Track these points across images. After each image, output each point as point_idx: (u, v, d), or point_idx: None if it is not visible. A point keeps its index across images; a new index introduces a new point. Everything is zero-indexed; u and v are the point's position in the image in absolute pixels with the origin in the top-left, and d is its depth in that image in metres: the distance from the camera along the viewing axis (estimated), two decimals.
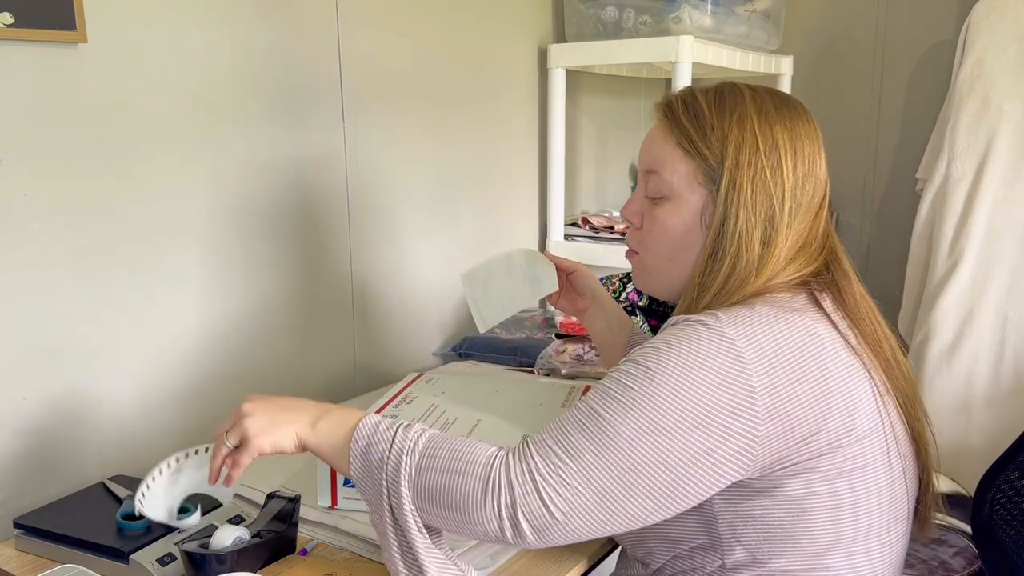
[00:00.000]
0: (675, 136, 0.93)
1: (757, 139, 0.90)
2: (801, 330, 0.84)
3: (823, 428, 0.82)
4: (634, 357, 0.84)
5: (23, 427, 1.14)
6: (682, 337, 0.83)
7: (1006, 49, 1.79)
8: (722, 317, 0.83)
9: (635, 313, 1.68)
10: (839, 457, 0.83)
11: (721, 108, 0.92)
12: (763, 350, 0.81)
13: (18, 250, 1.11)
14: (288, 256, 1.47)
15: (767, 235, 0.89)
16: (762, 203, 0.89)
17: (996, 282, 1.76)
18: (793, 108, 0.93)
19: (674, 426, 0.79)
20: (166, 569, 0.95)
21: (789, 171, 0.90)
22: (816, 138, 0.93)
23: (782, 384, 0.81)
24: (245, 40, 1.35)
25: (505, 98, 1.94)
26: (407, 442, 0.85)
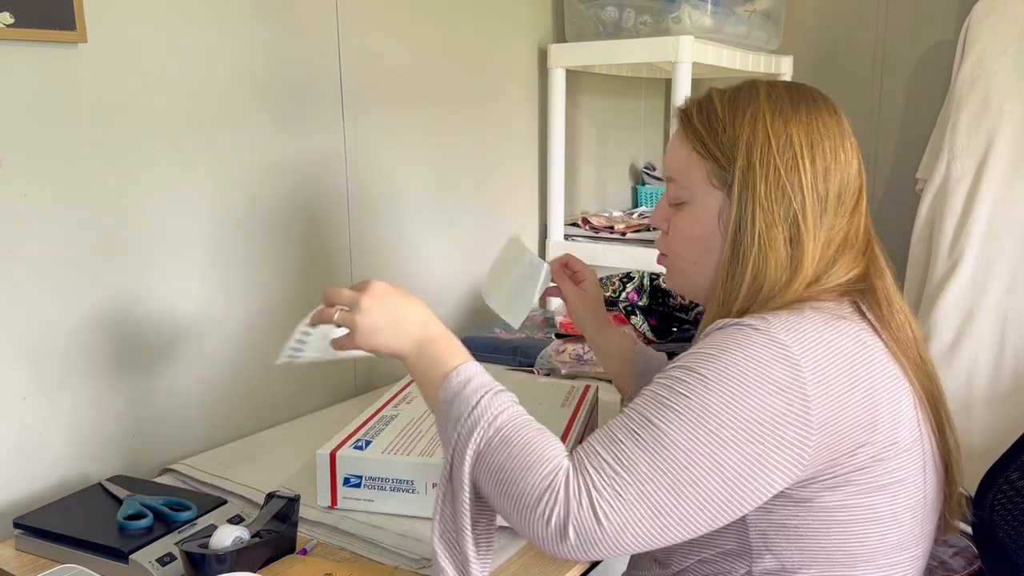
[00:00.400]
0: (690, 140, 0.93)
1: (769, 137, 0.87)
2: (851, 339, 0.83)
3: (869, 441, 0.81)
4: (687, 363, 0.82)
5: (23, 427, 1.14)
6: (735, 343, 0.80)
7: (1006, 49, 1.79)
8: (773, 321, 0.81)
9: (635, 313, 1.68)
10: (880, 470, 0.82)
11: (734, 108, 0.90)
12: (817, 358, 0.79)
13: (18, 250, 1.11)
14: (288, 255, 1.47)
15: (792, 235, 0.87)
16: (779, 202, 0.87)
17: (996, 282, 1.76)
18: (813, 102, 0.90)
19: (730, 437, 0.77)
20: (166, 569, 0.95)
21: (806, 167, 0.87)
22: (841, 132, 0.90)
23: (835, 394, 0.79)
24: (245, 40, 1.35)
25: (505, 98, 1.94)
26: (487, 413, 0.84)
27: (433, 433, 1.12)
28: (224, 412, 1.39)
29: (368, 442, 1.09)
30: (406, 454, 1.05)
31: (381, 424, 1.15)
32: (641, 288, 1.70)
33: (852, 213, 0.89)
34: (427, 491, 1.04)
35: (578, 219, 2.13)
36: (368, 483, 1.06)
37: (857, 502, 0.82)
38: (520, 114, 2.00)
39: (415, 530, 1.03)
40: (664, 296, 1.68)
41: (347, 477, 1.06)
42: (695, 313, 1.65)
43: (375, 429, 1.13)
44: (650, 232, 2.03)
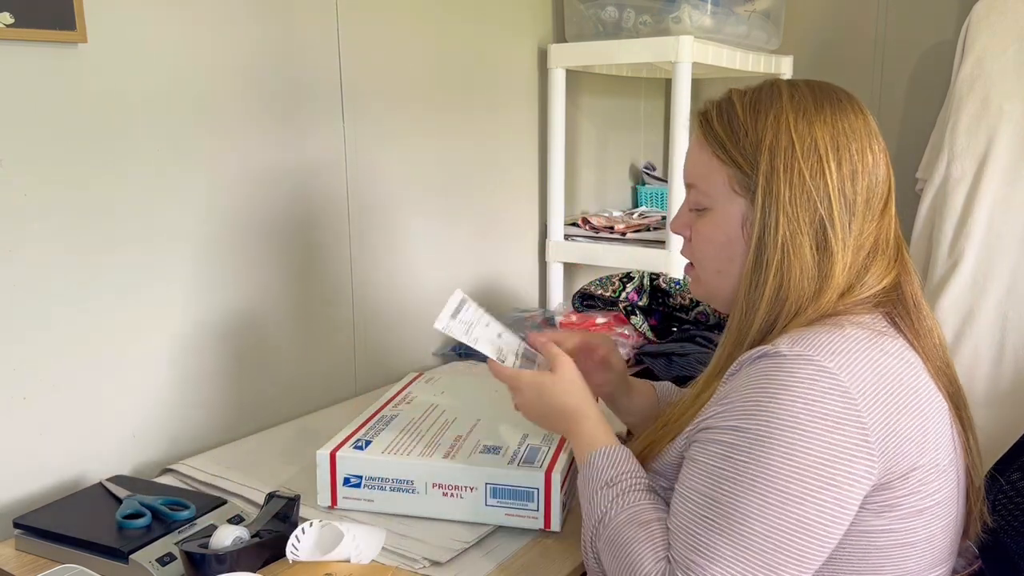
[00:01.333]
0: (710, 145, 0.90)
1: (793, 140, 0.84)
2: (895, 357, 0.80)
3: (919, 464, 0.79)
4: (733, 422, 0.78)
5: (23, 427, 1.14)
6: (779, 383, 0.76)
7: (1006, 49, 1.79)
8: (814, 343, 0.78)
9: (635, 313, 1.68)
10: (924, 493, 0.80)
11: (756, 111, 0.87)
12: (866, 381, 0.76)
13: (18, 250, 1.11)
14: (288, 256, 1.47)
15: (819, 242, 0.84)
16: (805, 207, 0.83)
17: (996, 282, 1.76)
18: (838, 102, 0.87)
19: (803, 491, 0.74)
20: (166, 569, 0.95)
21: (832, 171, 0.84)
22: (868, 132, 0.86)
23: (890, 417, 0.77)
24: (245, 40, 1.35)
25: (505, 98, 1.94)
26: (598, 510, 0.87)
27: (433, 433, 1.12)
28: (224, 412, 1.39)
29: (368, 442, 1.09)
30: (406, 454, 1.05)
31: (381, 424, 1.15)
32: (641, 288, 1.70)
33: (881, 217, 0.87)
34: (427, 491, 1.04)
35: (578, 219, 2.13)
36: (368, 483, 1.06)
37: (897, 527, 0.79)
38: (520, 114, 2.00)
39: (415, 530, 1.03)
40: (664, 296, 1.68)
41: (347, 477, 1.06)
42: (695, 313, 1.65)
43: (375, 429, 1.13)
44: (650, 232, 2.03)
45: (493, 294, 1.98)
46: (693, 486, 0.80)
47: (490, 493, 1.03)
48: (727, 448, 0.78)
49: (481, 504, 1.03)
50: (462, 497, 1.03)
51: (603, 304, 1.72)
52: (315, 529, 0.96)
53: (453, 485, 1.03)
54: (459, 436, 1.11)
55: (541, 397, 0.98)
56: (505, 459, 1.04)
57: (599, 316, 1.68)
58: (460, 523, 1.04)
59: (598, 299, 1.73)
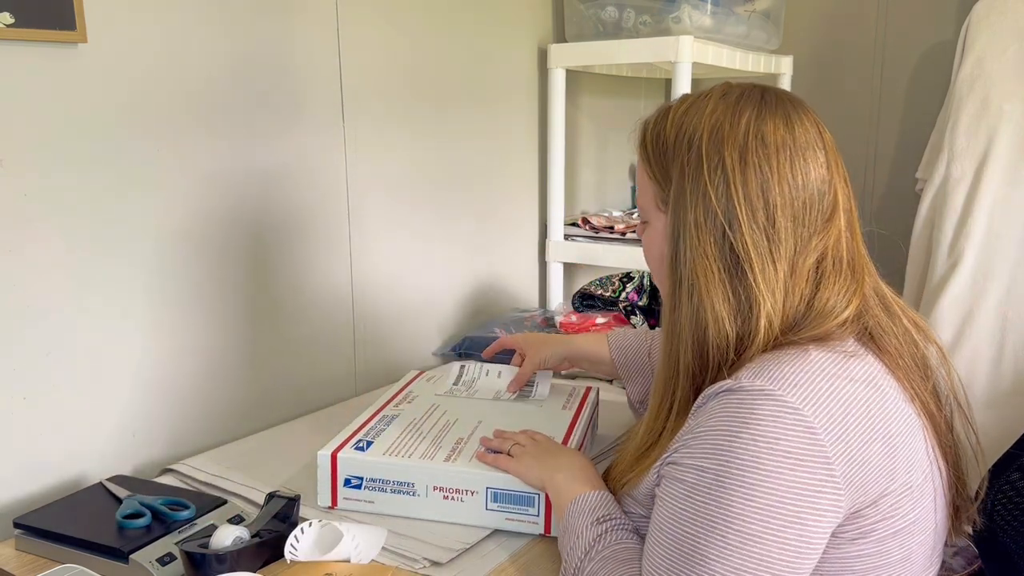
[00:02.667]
0: (642, 158, 0.89)
1: (702, 157, 0.81)
2: (864, 383, 0.77)
3: (889, 490, 0.77)
4: (695, 462, 0.77)
5: (23, 427, 1.14)
6: (740, 420, 0.74)
7: (1006, 49, 1.79)
8: (776, 377, 0.75)
9: (635, 313, 1.68)
10: (897, 516, 0.78)
11: (679, 125, 0.85)
12: (832, 414, 0.74)
13: (18, 250, 1.11)
14: (288, 255, 1.47)
15: (730, 266, 0.80)
16: (710, 229, 0.80)
17: (996, 282, 1.76)
18: (763, 112, 0.82)
19: (763, 530, 0.72)
20: (166, 569, 0.95)
21: (738, 189, 0.79)
22: (799, 144, 0.81)
23: (855, 448, 0.75)
24: (245, 40, 1.35)
25: (505, 98, 1.94)
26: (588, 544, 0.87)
27: (435, 435, 1.12)
28: (224, 412, 1.39)
29: (369, 443, 1.09)
30: (407, 456, 1.05)
31: (382, 424, 1.15)
32: (641, 288, 1.70)
33: (824, 233, 0.81)
34: (427, 493, 1.04)
35: (578, 219, 2.13)
36: (369, 484, 1.06)
37: (873, 550, 0.78)
38: (520, 114, 2.00)
39: (415, 531, 1.03)
40: None
41: (348, 478, 1.06)
42: None
43: (376, 429, 1.13)
44: None
45: (493, 294, 1.98)
46: (660, 526, 0.79)
47: (491, 497, 1.03)
48: (689, 489, 0.77)
49: (482, 508, 1.03)
50: (463, 501, 1.03)
51: (603, 304, 1.72)
52: (314, 529, 0.96)
53: (454, 488, 1.03)
54: (460, 439, 1.11)
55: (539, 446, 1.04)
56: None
57: (599, 316, 1.68)
58: (461, 525, 1.04)
59: (598, 299, 1.73)
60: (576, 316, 1.70)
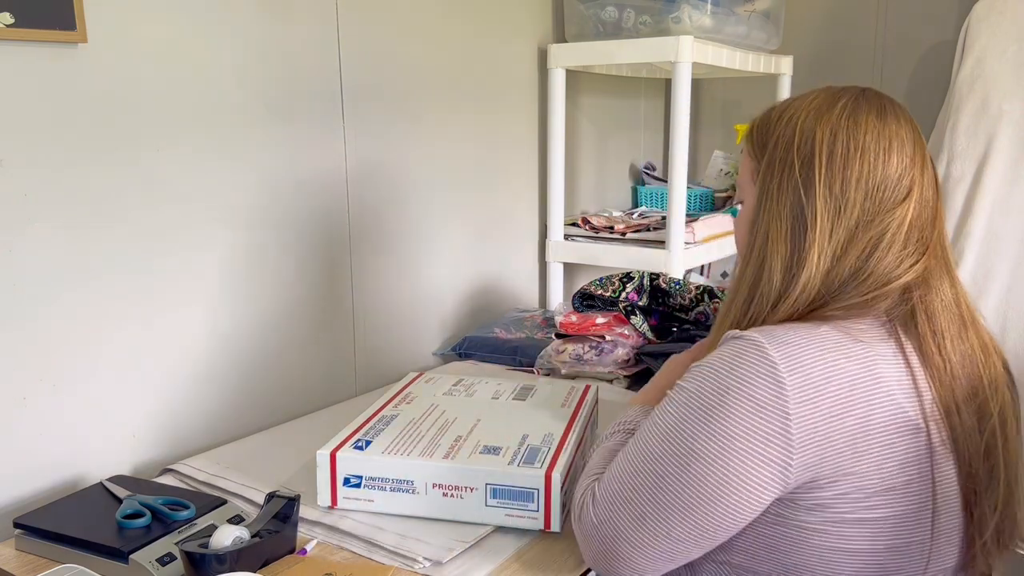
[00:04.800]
0: (747, 144, 0.96)
1: (794, 134, 0.88)
2: (860, 364, 0.80)
3: (852, 471, 0.79)
4: (682, 378, 0.86)
5: (23, 427, 1.14)
6: (727, 359, 0.82)
7: (1006, 49, 1.79)
8: (776, 335, 0.81)
9: (635, 313, 1.68)
10: (856, 504, 0.80)
11: (784, 109, 0.92)
12: (809, 377, 0.78)
13: (18, 250, 1.11)
14: (287, 256, 1.47)
15: (796, 232, 0.86)
16: (787, 198, 0.87)
17: (996, 282, 1.76)
18: (858, 105, 0.88)
19: (704, 450, 0.80)
20: (166, 569, 0.95)
21: (823, 165, 0.86)
22: (891, 132, 0.87)
23: (823, 416, 0.78)
24: (245, 40, 1.35)
25: (505, 98, 1.94)
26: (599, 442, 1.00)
27: (433, 434, 1.12)
28: (224, 412, 1.39)
29: (368, 442, 1.09)
30: (406, 455, 1.05)
31: (381, 424, 1.15)
32: (641, 288, 1.70)
33: (890, 212, 0.85)
34: (427, 491, 1.04)
35: (578, 219, 2.13)
36: (368, 483, 1.06)
37: (832, 530, 0.81)
38: (520, 114, 2.00)
39: (415, 530, 1.03)
40: (664, 296, 1.68)
41: (347, 477, 1.06)
42: (695, 313, 1.65)
43: (375, 429, 1.13)
44: (650, 232, 2.03)
45: (493, 294, 1.99)
46: (639, 430, 0.89)
47: (490, 493, 1.03)
48: (667, 399, 0.87)
49: (481, 505, 1.03)
50: (462, 498, 1.03)
51: (603, 304, 1.72)
52: None
53: (453, 485, 1.03)
54: (459, 436, 1.11)
55: None
56: (505, 459, 1.04)
57: (599, 316, 1.68)
58: (460, 523, 1.04)
59: (598, 299, 1.73)
60: (576, 316, 1.70)
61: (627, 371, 1.60)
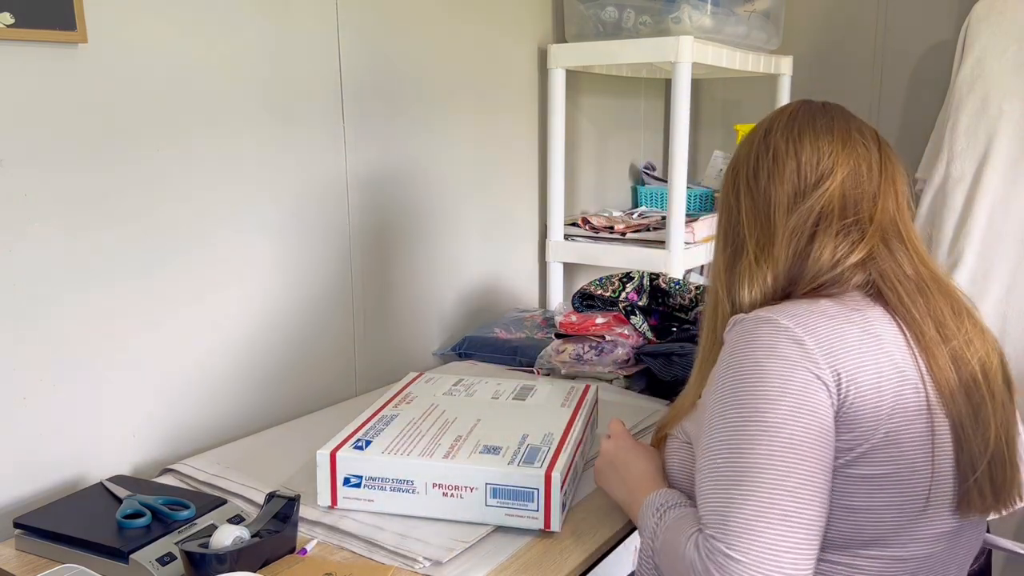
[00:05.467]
0: None
1: (732, 161, 1.01)
2: (861, 328, 0.86)
3: (876, 427, 0.83)
4: (716, 384, 0.88)
5: (23, 427, 1.14)
6: (743, 340, 0.87)
7: (1006, 49, 1.79)
8: (781, 310, 0.87)
9: (635, 313, 1.68)
10: (869, 460, 0.83)
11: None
12: (822, 337, 0.84)
13: (18, 250, 1.11)
14: (287, 256, 1.47)
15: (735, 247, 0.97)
16: (725, 217, 1.00)
17: (996, 282, 1.76)
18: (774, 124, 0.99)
19: (777, 418, 0.81)
20: (166, 569, 0.95)
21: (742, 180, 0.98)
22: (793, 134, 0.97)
23: (844, 369, 0.83)
24: (245, 40, 1.35)
25: (505, 98, 1.94)
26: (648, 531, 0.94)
27: (433, 433, 1.12)
28: (224, 412, 1.40)
29: (368, 442, 1.09)
30: (406, 454, 1.05)
31: (381, 424, 1.15)
32: (641, 288, 1.70)
33: (813, 192, 0.93)
34: (427, 491, 1.04)
35: (578, 219, 2.13)
36: (368, 483, 1.06)
37: (835, 487, 0.83)
38: (520, 114, 2.00)
39: (415, 530, 1.03)
40: (664, 296, 1.68)
41: (347, 477, 1.06)
42: (695, 313, 1.65)
43: (375, 429, 1.13)
44: (650, 232, 2.03)
45: (493, 294, 1.99)
46: (703, 458, 0.86)
47: (490, 493, 1.03)
48: (714, 414, 0.86)
49: (481, 504, 1.03)
50: (462, 497, 1.03)
51: (603, 304, 1.72)
52: None
53: (453, 485, 1.03)
54: (459, 436, 1.11)
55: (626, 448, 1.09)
56: (505, 459, 1.04)
57: (599, 316, 1.68)
58: (460, 523, 1.04)
59: (598, 299, 1.73)
60: (576, 316, 1.70)
61: (627, 371, 1.60)
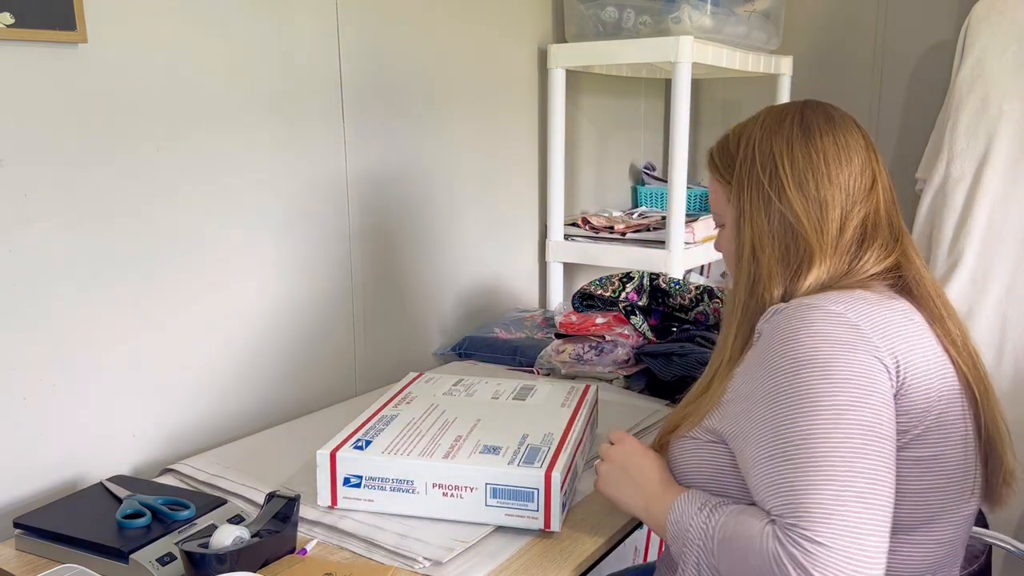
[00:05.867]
0: (713, 172, 1.04)
1: (755, 154, 0.97)
2: (901, 315, 0.88)
3: (926, 409, 0.85)
4: (763, 372, 0.86)
5: (23, 427, 1.14)
6: (792, 328, 0.86)
7: (1006, 49, 1.79)
8: (822, 298, 0.87)
9: (635, 313, 1.68)
10: (925, 441, 0.86)
11: (737, 136, 1.01)
12: (873, 320, 0.85)
13: (18, 250, 1.11)
14: (287, 256, 1.47)
15: (787, 237, 0.94)
16: (765, 210, 0.95)
17: (996, 282, 1.76)
18: (803, 116, 0.98)
19: (843, 401, 0.81)
20: (166, 569, 0.95)
21: (787, 174, 0.95)
22: (842, 131, 0.96)
23: (900, 352, 0.85)
24: (245, 40, 1.35)
25: (505, 98, 1.94)
26: (696, 536, 0.89)
27: (434, 433, 1.12)
28: (224, 412, 1.39)
29: (368, 442, 1.09)
30: (406, 454, 1.05)
31: (381, 424, 1.15)
32: (641, 288, 1.70)
33: (866, 201, 0.95)
34: (427, 491, 1.04)
35: (578, 219, 2.13)
36: (368, 483, 1.06)
37: (902, 472, 0.84)
38: (520, 114, 2.00)
39: (415, 530, 1.03)
40: (664, 296, 1.68)
41: (347, 477, 1.06)
42: (695, 313, 1.65)
43: (375, 429, 1.13)
44: (650, 232, 2.03)
45: (493, 294, 1.99)
46: (760, 448, 0.84)
47: (490, 493, 1.03)
48: (771, 402, 0.84)
49: (481, 504, 1.03)
50: (462, 497, 1.03)
51: (603, 304, 1.72)
52: None
53: (453, 485, 1.03)
54: (459, 436, 1.11)
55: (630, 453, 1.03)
56: (505, 459, 1.04)
57: (599, 316, 1.68)
58: (460, 523, 1.04)
59: (598, 299, 1.73)
60: (576, 316, 1.70)
61: (627, 371, 1.60)
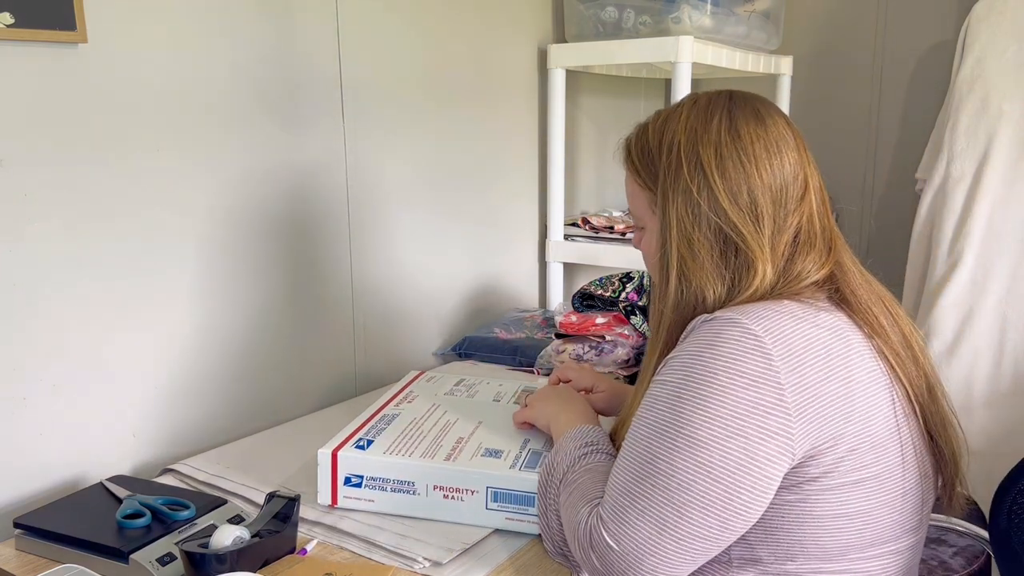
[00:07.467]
0: (631, 172, 0.98)
1: (681, 161, 0.91)
2: (828, 330, 0.84)
3: (844, 432, 0.82)
4: (661, 375, 0.85)
5: (23, 427, 1.14)
6: (706, 342, 0.83)
7: (1006, 49, 1.79)
8: (748, 311, 0.83)
9: (635, 313, 1.68)
10: (854, 464, 0.83)
11: (659, 136, 0.95)
12: (791, 346, 0.81)
13: (18, 249, 1.11)
14: (288, 256, 1.47)
15: (723, 247, 0.89)
16: (696, 220, 0.90)
17: (996, 282, 1.76)
18: (732, 114, 0.92)
19: (708, 437, 0.79)
20: (166, 569, 0.95)
21: (718, 183, 0.89)
22: (774, 135, 0.91)
23: (810, 382, 0.80)
24: (245, 40, 1.35)
25: (505, 98, 1.94)
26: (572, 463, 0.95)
27: (435, 435, 1.12)
28: (224, 412, 1.39)
29: (370, 442, 1.09)
30: (407, 455, 1.05)
31: (382, 423, 1.15)
32: (641, 288, 1.70)
33: (798, 211, 0.90)
34: (427, 492, 1.04)
35: (578, 219, 2.13)
36: (369, 483, 1.06)
37: (833, 497, 0.83)
38: (520, 114, 2.00)
39: (414, 530, 1.03)
40: None
41: (348, 477, 1.06)
42: None
43: (376, 428, 1.13)
44: None
45: (493, 294, 1.99)
46: (627, 440, 0.86)
47: (491, 497, 1.03)
48: (651, 400, 0.85)
49: (482, 507, 1.03)
50: (463, 500, 1.03)
51: (603, 304, 1.72)
52: None
53: (454, 488, 1.03)
54: (461, 438, 1.11)
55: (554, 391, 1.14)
56: (507, 463, 1.04)
57: (599, 316, 1.68)
58: (460, 524, 1.04)
59: (598, 299, 1.73)
60: (576, 316, 1.70)
61: (627, 371, 1.60)
